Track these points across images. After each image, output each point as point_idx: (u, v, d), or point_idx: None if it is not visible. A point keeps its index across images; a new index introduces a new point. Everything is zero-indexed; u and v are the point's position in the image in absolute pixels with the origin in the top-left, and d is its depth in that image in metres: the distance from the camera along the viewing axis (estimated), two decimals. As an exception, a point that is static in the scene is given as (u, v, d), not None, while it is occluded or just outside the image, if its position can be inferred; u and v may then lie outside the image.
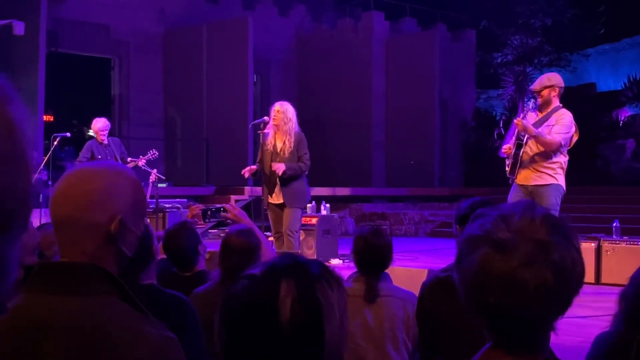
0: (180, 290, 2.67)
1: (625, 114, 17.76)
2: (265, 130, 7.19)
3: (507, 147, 6.35)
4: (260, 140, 7.27)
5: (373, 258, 3.17)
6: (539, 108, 6.39)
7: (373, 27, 17.77)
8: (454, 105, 19.22)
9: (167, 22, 16.22)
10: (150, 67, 15.96)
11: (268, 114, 7.24)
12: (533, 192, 6.20)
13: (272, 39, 17.42)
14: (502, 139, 7.89)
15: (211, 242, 10.15)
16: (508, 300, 1.11)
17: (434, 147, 17.50)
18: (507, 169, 6.41)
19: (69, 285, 1.36)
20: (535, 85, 6.43)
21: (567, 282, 1.12)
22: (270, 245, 3.91)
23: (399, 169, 17.59)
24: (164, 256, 3.74)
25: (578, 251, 1.15)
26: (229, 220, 4.02)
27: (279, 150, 7.03)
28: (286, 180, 6.98)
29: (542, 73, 19.22)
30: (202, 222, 4.20)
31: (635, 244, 7.36)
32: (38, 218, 9.33)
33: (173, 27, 16.18)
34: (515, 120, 6.13)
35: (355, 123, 17.48)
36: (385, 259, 3.21)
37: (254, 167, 7.26)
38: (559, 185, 6.21)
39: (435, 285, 2.83)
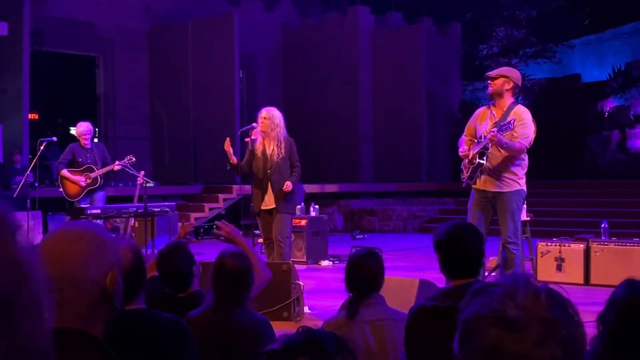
0: (174, 312, 2.65)
1: (610, 105, 17.83)
2: (254, 137, 7.17)
3: (471, 153, 6.02)
4: (250, 146, 7.24)
5: (357, 281, 3.31)
6: (490, 96, 6.11)
7: (359, 21, 17.72)
8: (441, 98, 19.23)
9: (152, 19, 16.11)
10: (136, 64, 15.86)
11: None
12: (494, 198, 5.97)
13: (258, 34, 17.34)
14: None
15: (205, 243, 9.98)
16: None
17: (421, 140, 17.53)
18: (464, 174, 6.10)
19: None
20: (492, 72, 6.11)
21: (574, 356, 1.15)
22: (264, 264, 3.90)
23: (386, 163, 17.60)
24: (155, 274, 3.73)
25: (581, 325, 1.18)
26: (221, 238, 4.02)
27: (269, 155, 7.02)
28: (280, 186, 6.96)
29: (527, 65, 19.45)
30: (195, 240, 4.20)
31: (624, 245, 7.44)
32: (26, 222, 9.27)
33: (158, 23, 16.07)
34: (489, 136, 5.73)
35: (342, 117, 17.46)
36: (370, 283, 3.31)
37: (232, 156, 7.12)
38: (520, 189, 5.99)
39: (422, 313, 2.89)
